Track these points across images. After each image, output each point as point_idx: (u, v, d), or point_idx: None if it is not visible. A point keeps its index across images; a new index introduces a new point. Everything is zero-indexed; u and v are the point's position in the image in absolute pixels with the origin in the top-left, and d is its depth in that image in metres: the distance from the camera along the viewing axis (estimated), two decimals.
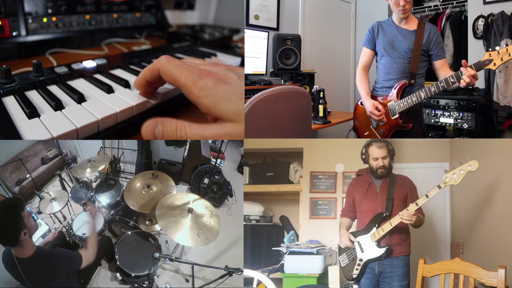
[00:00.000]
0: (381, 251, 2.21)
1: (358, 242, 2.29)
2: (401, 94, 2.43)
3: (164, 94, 1.63)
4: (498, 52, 2.01)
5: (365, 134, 2.66)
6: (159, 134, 1.22)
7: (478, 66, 2.06)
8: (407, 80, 2.43)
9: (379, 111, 2.46)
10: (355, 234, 2.33)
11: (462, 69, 2.09)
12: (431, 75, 2.62)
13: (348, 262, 2.34)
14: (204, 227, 2.22)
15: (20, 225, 1.65)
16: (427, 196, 2.10)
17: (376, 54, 2.62)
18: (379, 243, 2.23)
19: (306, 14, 4.34)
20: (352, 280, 2.30)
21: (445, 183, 2.08)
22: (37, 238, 2.49)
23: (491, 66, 2.04)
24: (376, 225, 2.24)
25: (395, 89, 2.45)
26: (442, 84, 2.22)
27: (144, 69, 1.37)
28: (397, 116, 2.43)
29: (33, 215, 2.16)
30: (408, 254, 2.28)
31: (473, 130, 3.52)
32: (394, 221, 2.18)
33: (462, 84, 2.11)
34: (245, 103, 1.86)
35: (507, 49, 2.00)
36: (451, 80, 2.16)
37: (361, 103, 2.70)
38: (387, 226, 2.20)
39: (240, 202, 3.57)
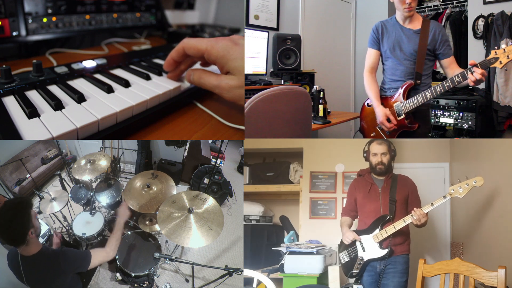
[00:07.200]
0: (383, 252, 2.25)
1: (360, 241, 2.32)
2: (407, 94, 2.41)
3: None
4: (504, 50, 1.99)
5: (372, 135, 2.65)
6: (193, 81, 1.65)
7: (484, 65, 2.04)
8: (413, 81, 2.41)
9: (390, 122, 2.43)
10: (357, 233, 2.35)
11: (474, 68, 2.05)
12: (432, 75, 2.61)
13: (348, 260, 2.36)
14: (210, 216, 2.17)
15: (28, 224, 1.65)
16: (432, 204, 2.17)
17: (381, 55, 2.58)
18: (381, 244, 2.26)
19: (306, 14, 4.34)
20: (352, 277, 2.33)
21: (450, 194, 2.18)
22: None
23: (497, 64, 2.01)
24: (380, 227, 2.27)
25: (401, 89, 2.43)
26: (447, 84, 2.20)
27: (171, 52, 1.70)
28: (403, 116, 2.41)
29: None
30: (408, 253, 2.32)
31: (473, 130, 3.51)
32: (398, 224, 2.22)
33: (471, 82, 2.08)
34: (245, 103, 1.86)
35: None
36: (457, 79, 2.15)
37: (367, 104, 2.69)
38: (390, 229, 2.23)
39: (240, 202, 3.57)
